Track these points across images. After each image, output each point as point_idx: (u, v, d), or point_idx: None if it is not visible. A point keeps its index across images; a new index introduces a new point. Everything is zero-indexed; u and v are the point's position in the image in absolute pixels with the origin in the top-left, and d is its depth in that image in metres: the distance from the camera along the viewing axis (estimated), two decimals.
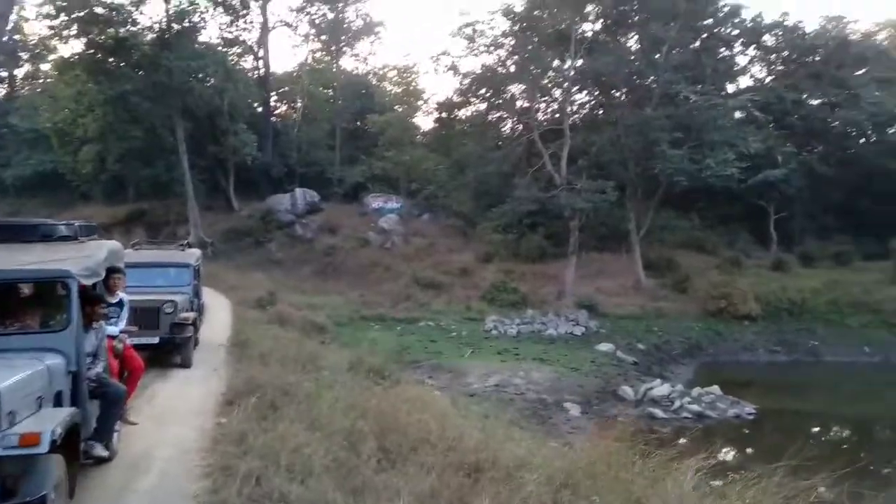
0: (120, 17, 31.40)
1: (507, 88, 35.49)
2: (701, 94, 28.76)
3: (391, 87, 49.80)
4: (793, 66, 38.11)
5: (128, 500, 5.27)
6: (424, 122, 47.26)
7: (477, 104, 37.02)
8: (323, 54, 48.03)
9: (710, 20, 33.57)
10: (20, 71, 46.67)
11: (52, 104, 37.99)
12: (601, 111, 35.17)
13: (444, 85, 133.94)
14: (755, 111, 32.67)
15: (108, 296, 6.80)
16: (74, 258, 5.51)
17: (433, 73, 69.88)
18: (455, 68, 34.72)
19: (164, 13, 32.50)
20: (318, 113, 44.52)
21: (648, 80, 31.38)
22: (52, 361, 4.81)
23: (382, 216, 36.80)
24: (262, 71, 41.99)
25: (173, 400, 8.51)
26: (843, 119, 35.33)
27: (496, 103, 36.33)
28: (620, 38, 34.18)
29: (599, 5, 32.03)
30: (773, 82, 37.74)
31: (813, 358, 26.05)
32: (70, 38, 32.54)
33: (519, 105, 36.14)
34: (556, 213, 29.94)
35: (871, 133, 38.79)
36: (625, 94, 32.18)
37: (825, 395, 21.44)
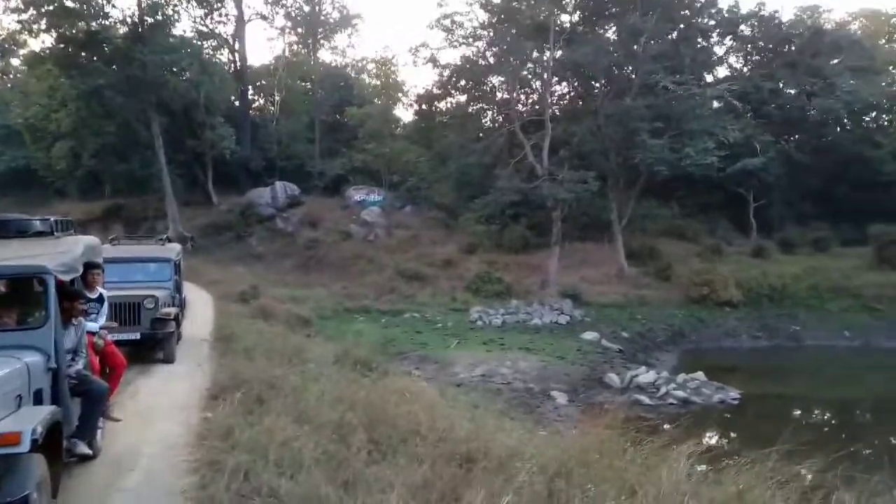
0: (91, 11, 30.78)
1: (487, 80, 35.46)
2: (680, 84, 28.81)
3: (370, 80, 49.49)
4: (769, 55, 38.41)
5: (113, 498, 5.16)
6: (405, 115, 47.12)
7: (457, 96, 36.95)
8: (300, 47, 47.62)
9: (687, 11, 33.70)
10: None
11: (23, 100, 37.36)
12: (581, 102, 35.15)
13: (423, 77, 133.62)
14: (733, 100, 32.86)
15: (86, 291, 6.66)
16: (51, 254, 5.40)
17: (412, 65, 69.53)
18: (434, 60, 34.66)
19: (136, 6, 32.00)
20: (297, 106, 44.16)
21: (627, 71, 31.46)
22: (31, 359, 4.70)
23: (364, 209, 36.59)
24: (238, 64, 41.54)
25: (157, 396, 8.39)
26: (819, 107, 35.66)
27: (476, 95, 36.28)
28: (599, 29, 34.25)
29: None
30: (750, 72, 37.97)
31: (794, 343, 26.34)
32: (40, 33, 31.78)
33: (499, 97, 36.14)
34: (538, 203, 30.00)
35: (847, 121, 39.34)
36: (604, 85, 32.20)
37: (807, 380, 21.71)
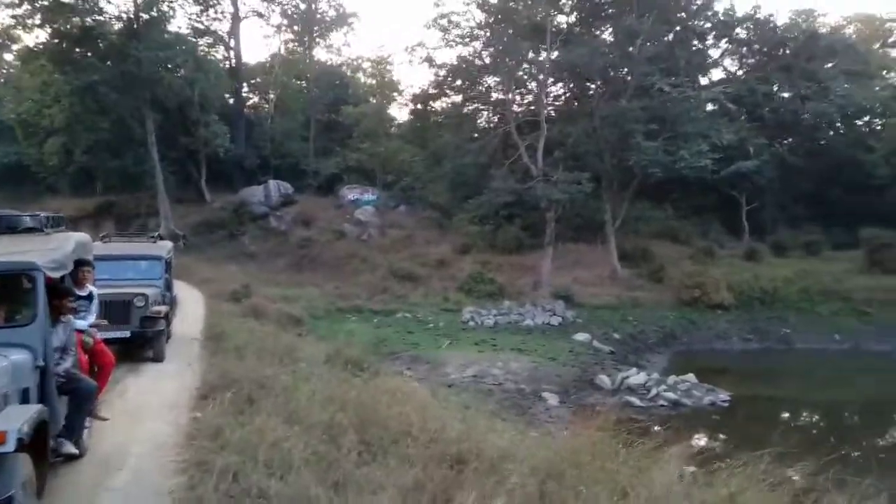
0: (86, 6, 30.60)
1: (483, 80, 35.40)
2: (675, 87, 28.91)
3: (365, 79, 49.41)
4: (764, 58, 38.51)
5: (101, 498, 5.11)
6: (400, 114, 47.07)
7: (453, 96, 36.87)
8: (295, 45, 47.51)
9: (683, 13, 33.79)
10: None
11: (16, 95, 37.08)
12: (577, 103, 35.20)
13: (419, 76, 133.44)
14: (728, 103, 33.02)
15: (76, 289, 6.60)
16: (40, 250, 5.34)
17: (408, 64, 69.33)
18: (430, 60, 34.57)
19: (131, 2, 31.76)
20: (292, 104, 44.03)
21: (623, 72, 31.49)
22: (18, 357, 4.63)
23: (358, 208, 36.53)
24: (233, 61, 41.38)
25: (146, 395, 8.31)
26: (813, 111, 35.84)
27: (472, 95, 36.23)
28: (595, 31, 34.28)
29: None
30: (745, 75, 38.09)
31: (785, 345, 26.41)
32: (34, 28, 31.61)
33: (495, 97, 36.07)
34: (532, 204, 30.01)
35: (840, 125, 39.54)
36: (600, 86, 32.27)
37: (797, 382, 21.76)
